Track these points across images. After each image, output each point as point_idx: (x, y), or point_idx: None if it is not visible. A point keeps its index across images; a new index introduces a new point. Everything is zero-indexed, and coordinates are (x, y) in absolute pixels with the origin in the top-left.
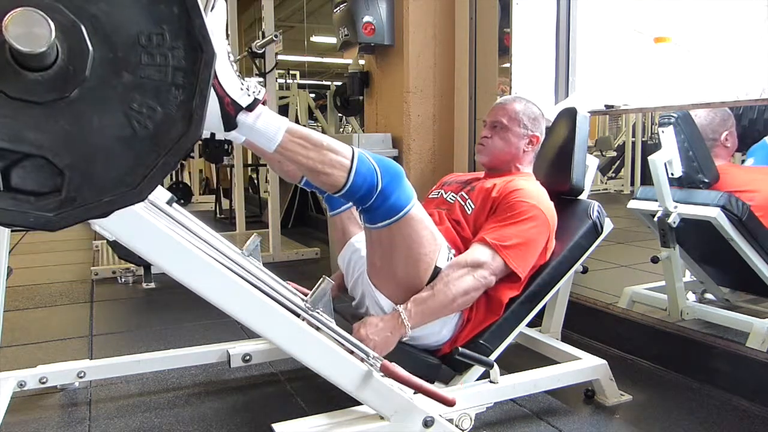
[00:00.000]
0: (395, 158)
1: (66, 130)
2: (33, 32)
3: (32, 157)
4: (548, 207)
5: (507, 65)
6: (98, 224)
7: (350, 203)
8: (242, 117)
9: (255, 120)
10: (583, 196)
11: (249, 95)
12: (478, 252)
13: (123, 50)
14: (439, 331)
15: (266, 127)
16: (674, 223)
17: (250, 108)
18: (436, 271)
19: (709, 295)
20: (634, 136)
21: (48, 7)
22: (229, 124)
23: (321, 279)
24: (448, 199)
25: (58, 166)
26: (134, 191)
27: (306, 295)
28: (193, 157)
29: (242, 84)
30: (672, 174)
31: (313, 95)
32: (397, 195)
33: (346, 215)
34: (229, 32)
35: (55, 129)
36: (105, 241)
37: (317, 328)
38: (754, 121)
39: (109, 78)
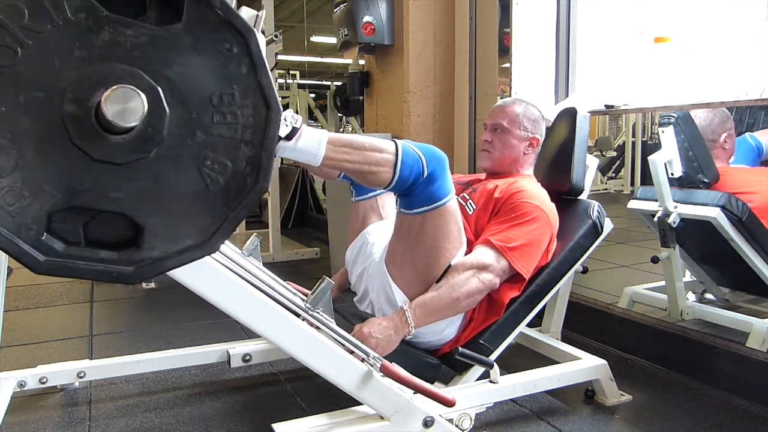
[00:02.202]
0: None
1: (144, 188)
2: (128, 108)
3: (112, 213)
4: (550, 208)
5: (507, 65)
6: None
7: (379, 191)
8: (282, 144)
9: (296, 142)
10: (583, 196)
11: (287, 125)
12: (482, 254)
13: (197, 110)
14: (441, 331)
15: (308, 146)
16: (674, 223)
17: (289, 138)
18: (446, 270)
19: (709, 295)
20: (634, 136)
21: (128, 74)
22: None
23: (321, 279)
24: None
25: (137, 221)
26: (207, 244)
27: (306, 295)
28: None
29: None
30: (672, 174)
31: (313, 95)
32: (440, 183)
33: (369, 203)
34: None
35: (134, 187)
36: None
37: (317, 328)
38: (752, 126)
39: (184, 137)
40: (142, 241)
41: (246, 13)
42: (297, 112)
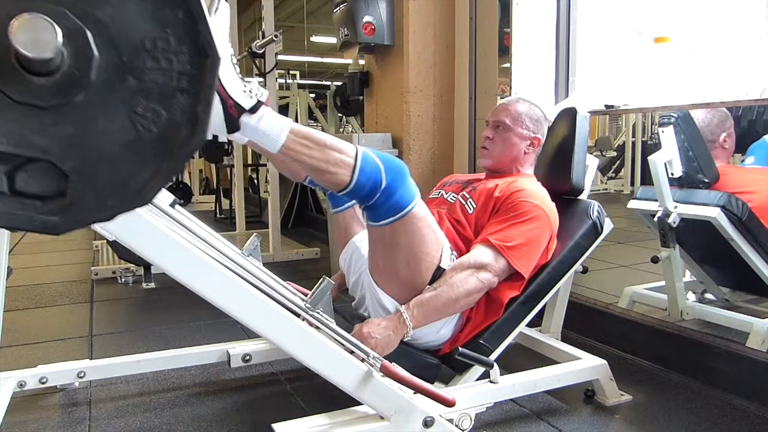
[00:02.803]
0: None
1: (71, 134)
2: (40, 38)
3: (37, 161)
4: (550, 208)
5: (507, 65)
6: (99, 224)
7: (353, 201)
8: (245, 119)
9: (258, 121)
10: (583, 196)
11: (252, 97)
12: (481, 253)
13: (128, 55)
14: (437, 331)
15: (269, 129)
16: (674, 223)
17: (253, 110)
18: (439, 272)
19: (709, 295)
20: (634, 136)
21: (53, 12)
22: (232, 126)
23: (321, 279)
24: (448, 199)
25: (63, 169)
26: (139, 195)
27: (306, 295)
28: (193, 158)
29: (245, 86)
30: (672, 174)
31: (313, 95)
32: (401, 193)
33: (348, 213)
34: (229, 33)
35: (60, 133)
36: (105, 241)
37: (317, 328)
38: (754, 123)
39: (114, 82)
40: (68, 190)
41: None
42: (297, 112)
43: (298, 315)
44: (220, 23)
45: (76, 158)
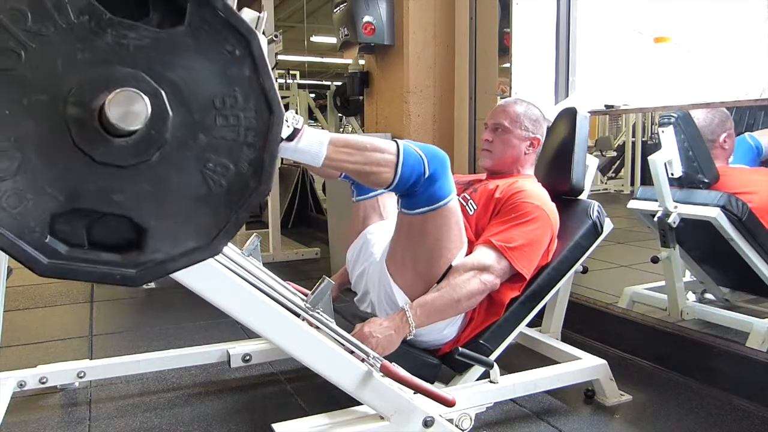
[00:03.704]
0: None
1: (147, 190)
2: (132, 111)
3: (115, 216)
4: (551, 208)
5: (507, 65)
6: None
7: (380, 191)
8: (283, 145)
9: (297, 143)
10: (583, 196)
11: (288, 126)
12: (483, 254)
13: (199, 113)
14: (441, 331)
15: (309, 146)
16: (674, 223)
17: (290, 138)
18: (447, 271)
19: (709, 295)
20: (634, 136)
21: (131, 76)
22: None
23: (321, 279)
24: None
25: (140, 224)
26: (210, 246)
27: (306, 295)
28: None
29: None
30: (672, 174)
31: (313, 95)
32: (441, 183)
33: (370, 203)
34: None
35: (137, 190)
36: None
37: (317, 328)
38: (751, 127)
39: (187, 140)
40: (144, 244)
41: (248, 14)
42: (297, 112)
43: (298, 315)
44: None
45: (152, 213)
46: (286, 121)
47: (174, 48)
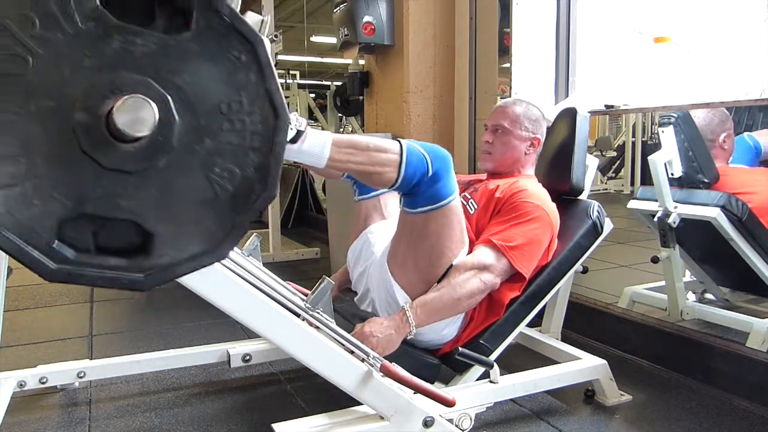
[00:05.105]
0: None
1: (154, 196)
2: (139, 117)
3: (125, 222)
4: (551, 208)
5: (507, 65)
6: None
7: (382, 191)
8: (287, 146)
9: (300, 145)
10: (583, 196)
11: (292, 129)
12: (483, 254)
13: (205, 118)
14: (440, 331)
15: (312, 147)
16: (674, 223)
17: (294, 141)
18: (447, 270)
19: (709, 295)
20: (634, 136)
21: (138, 82)
22: None
23: (321, 279)
24: None
25: (147, 229)
26: (216, 251)
27: (306, 295)
28: None
29: None
30: (672, 174)
31: (313, 95)
32: (444, 182)
33: (372, 203)
34: None
35: (144, 195)
36: None
37: (317, 328)
38: (750, 128)
39: (193, 145)
40: (151, 249)
41: (252, 18)
42: (297, 112)
43: (298, 315)
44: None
45: (159, 218)
46: (290, 123)
47: (180, 54)
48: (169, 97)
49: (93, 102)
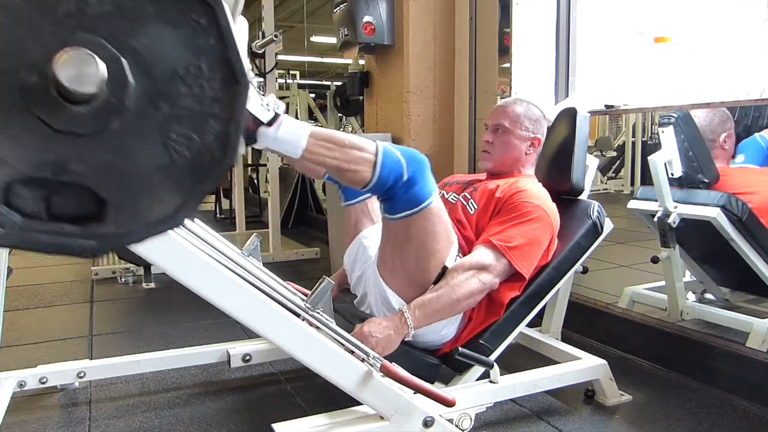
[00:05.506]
0: None
1: (107, 160)
2: (84, 72)
3: (76, 186)
4: (551, 208)
5: (507, 65)
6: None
7: (367, 195)
8: (263, 130)
9: (277, 130)
10: (583, 196)
11: (269, 110)
12: (482, 254)
13: (162, 82)
14: (439, 331)
15: (289, 135)
16: (674, 223)
17: (271, 123)
18: (443, 271)
19: (709, 295)
20: (634, 136)
21: (91, 42)
22: (250, 139)
23: (321, 279)
24: (449, 199)
25: (100, 195)
26: (173, 218)
27: (306, 295)
28: None
29: (262, 100)
30: (672, 174)
31: (313, 95)
32: (421, 186)
33: (359, 207)
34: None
35: (97, 159)
36: None
37: (317, 328)
38: (749, 128)
39: (149, 109)
40: (105, 215)
41: None
42: (297, 112)
43: (298, 315)
44: (239, 38)
45: (112, 183)
46: (267, 105)
47: (137, 15)
48: (124, 59)
49: (43, 63)
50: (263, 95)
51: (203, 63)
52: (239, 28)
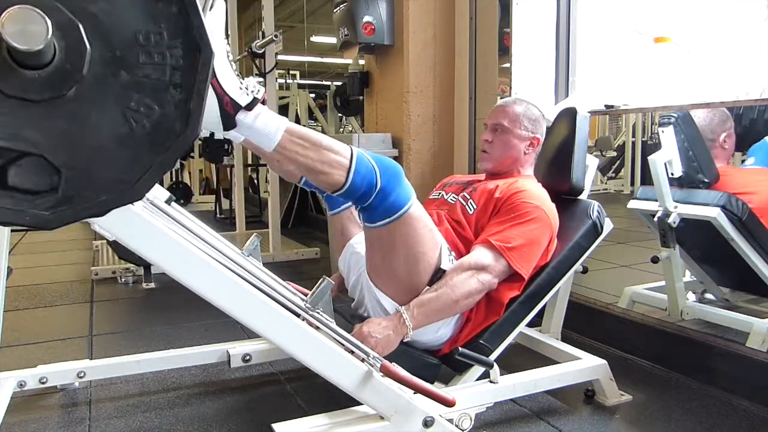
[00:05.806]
0: (395, 158)
1: (63, 129)
2: (29, 29)
3: (29, 156)
4: (550, 208)
5: (507, 65)
6: (98, 224)
7: (350, 203)
8: (241, 116)
9: (254, 119)
10: (583, 196)
11: (248, 94)
12: (481, 254)
13: (121, 49)
14: (436, 331)
15: (265, 127)
16: (674, 223)
17: (249, 107)
18: (439, 273)
19: (709, 295)
20: (634, 136)
21: (46, 6)
22: (228, 123)
23: (321, 279)
24: (448, 199)
25: (55, 164)
26: (131, 190)
27: (306, 295)
28: (192, 157)
29: (241, 83)
30: (672, 174)
31: (313, 95)
32: (396, 194)
33: (345, 215)
34: (228, 32)
35: (52, 127)
36: (105, 241)
37: (317, 328)
38: (755, 122)
39: (107, 77)
40: (60, 186)
41: None
42: (297, 113)
43: (298, 315)
44: (216, 20)
45: (68, 153)
46: (246, 88)
47: None
48: (80, 24)
49: None
50: (243, 79)
51: (164, 31)
52: (216, 8)
